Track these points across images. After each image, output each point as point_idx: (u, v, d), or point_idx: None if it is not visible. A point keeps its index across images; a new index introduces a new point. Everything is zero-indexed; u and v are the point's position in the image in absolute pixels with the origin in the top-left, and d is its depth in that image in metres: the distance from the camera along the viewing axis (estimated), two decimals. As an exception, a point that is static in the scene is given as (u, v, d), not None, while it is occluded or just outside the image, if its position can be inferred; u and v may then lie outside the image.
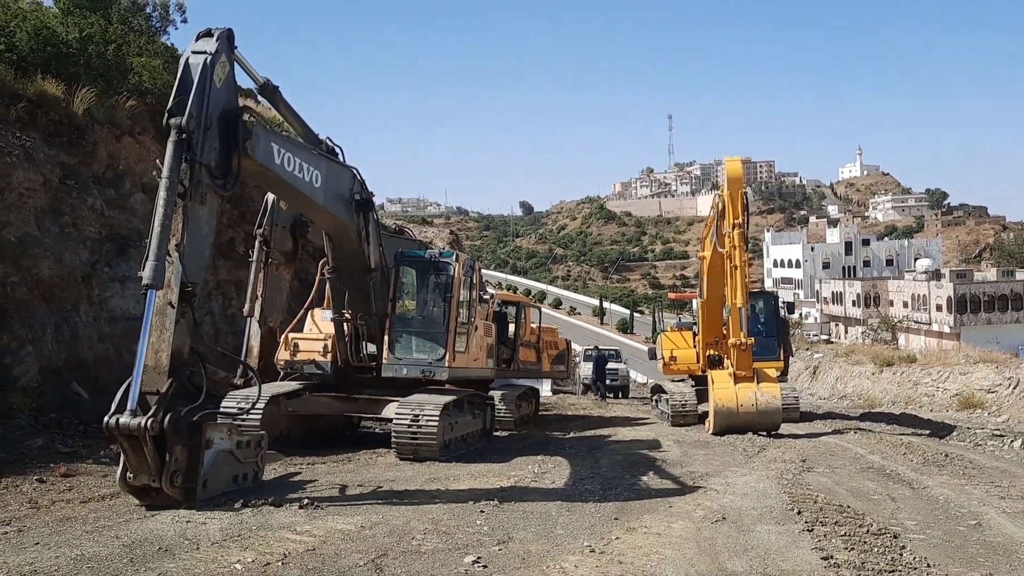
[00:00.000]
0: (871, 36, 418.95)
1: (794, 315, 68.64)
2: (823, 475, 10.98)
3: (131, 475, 7.80)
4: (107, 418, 7.59)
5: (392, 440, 12.07)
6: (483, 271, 15.78)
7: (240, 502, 8.01)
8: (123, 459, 7.85)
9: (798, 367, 35.35)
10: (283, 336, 13.84)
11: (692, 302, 25.15)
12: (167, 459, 7.70)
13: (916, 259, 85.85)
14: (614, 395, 32.91)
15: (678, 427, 17.98)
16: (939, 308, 66.35)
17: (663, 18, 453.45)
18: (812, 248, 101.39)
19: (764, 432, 15.54)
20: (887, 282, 77.18)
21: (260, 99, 14.13)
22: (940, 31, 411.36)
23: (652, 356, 22.89)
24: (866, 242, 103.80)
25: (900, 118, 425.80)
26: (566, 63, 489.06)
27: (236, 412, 10.32)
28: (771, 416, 15.77)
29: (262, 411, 11.64)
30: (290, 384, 13.41)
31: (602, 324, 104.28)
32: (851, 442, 14.87)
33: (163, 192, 7.87)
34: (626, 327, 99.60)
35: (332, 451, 12.75)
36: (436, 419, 11.85)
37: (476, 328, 14.45)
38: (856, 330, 71.42)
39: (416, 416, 11.90)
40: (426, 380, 13.02)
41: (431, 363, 12.96)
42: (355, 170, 12.00)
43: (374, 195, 13.79)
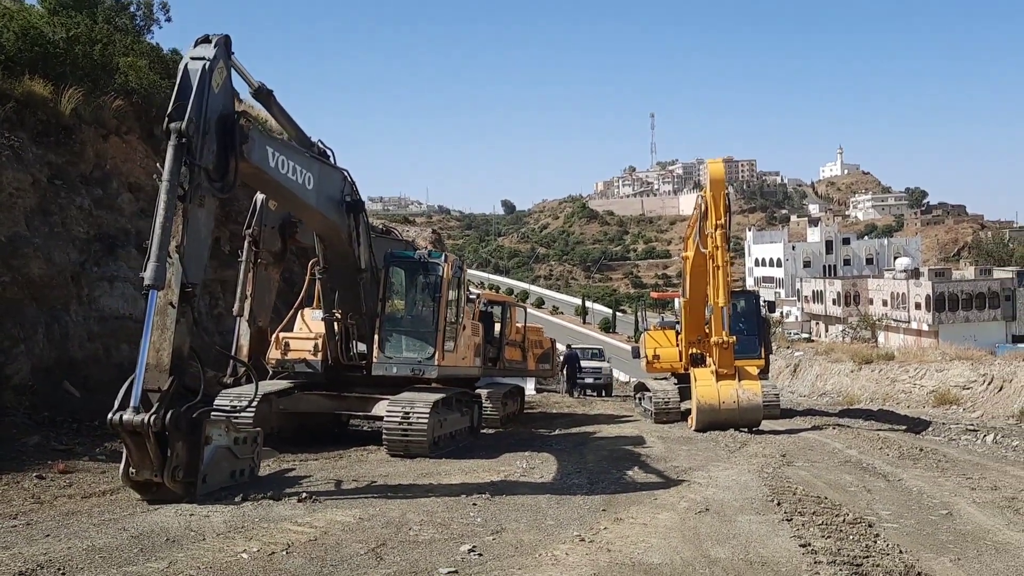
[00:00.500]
0: (852, 35, 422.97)
1: (775, 314, 69.04)
2: (802, 469, 11.34)
3: (133, 470, 8.02)
4: (111, 415, 7.81)
5: (383, 437, 12.31)
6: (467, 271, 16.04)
7: (240, 496, 8.26)
8: (126, 455, 8.06)
9: (779, 365, 35.84)
10: (274, 335, 14.04)
11: (675, 301, 25.52)
12: (168, 455, 7.93)
13: (896, 258, 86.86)
14: (597, 393, 33.24)
15: (661, 424, 18.31)
16: (918, 306, 67.25)
17: (645, 16, 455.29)
18: (793, 247, 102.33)
19: (745, 428, 15.90)
20: (867, 281, 78.11)
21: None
22: (920, 30, 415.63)
23: (635, 355, 23.23)
24: (846, 241, 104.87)
25: (881, 117, 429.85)
26: (548, 61, 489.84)
27: (234, 409, 10.53)
28: (752, 413, 16.14)
29: (253, 411, 11.83)
30: (281, 383, 13.60)
31: (585, 323, 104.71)
32: (830, 437, 15.27)
33: (163, 195, 8.06)
34: (609, 326, 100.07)
35: (323, 448, 12.96)
36: (426, 416, 12.11)
37: (464, 327, 14.73)
38: (836, 328, 72.21)
39: (407, 413, 12.16)
40: (416, 378, 13.28)
41: (421, 361, 13.22)
42: (346, 172, 12.23)
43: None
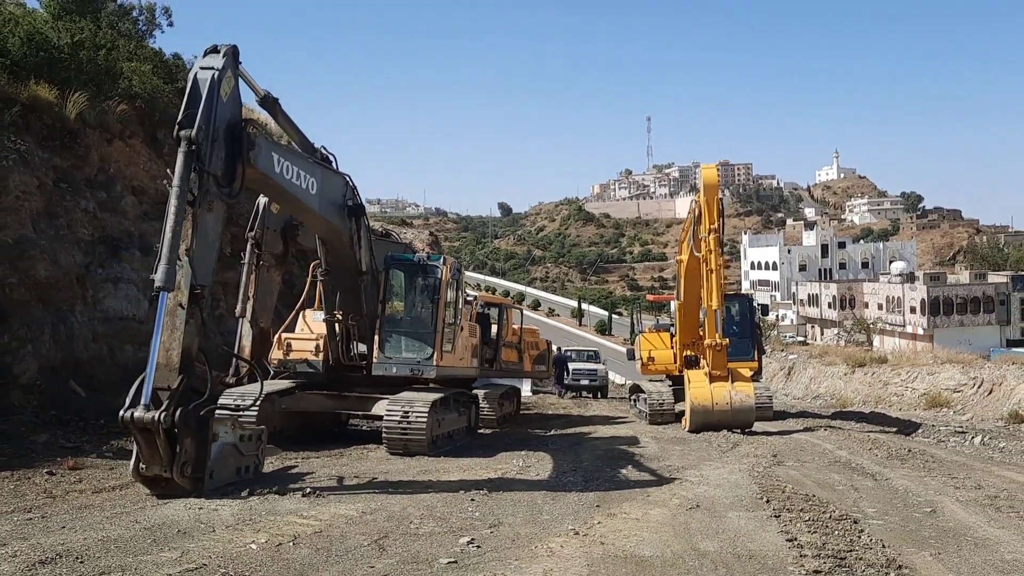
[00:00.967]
0: (848, 39, 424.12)
1: (768, 317, 69.53)
2: (792, 468, 11.63)
3: (143, 466, 8.29)
4: (122, 412, 8.09)
5: (383, 435, 12.59)
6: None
7: (246, 491, 8.54)
8: (136, 450, 8.33)
9: (773, 368, 36.17)
10: (276, 336, 14.31)
11: (670, 304, 25.83)
12: (177, 451, 8.21)
13: (891, 262, 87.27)
14: (593, 395, 33.53)
15: (656, 425, 18.59)
16: (913, 310, 67.65)
17: (642, 19, 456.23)
18: (789, 251, 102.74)
19: (738, 429, 16.18)
20: (862, 284, 78.52)
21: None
22: (916, 34, 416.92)
23: (631, 357, 23.54)
24: (842, 245, 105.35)
25: (877, 121, 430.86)
26: (544, 64, 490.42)
27: (242, 407, 10.82)
28: (745, 414, 16.43)
29: (257, 409, 12.09)
30: (283, 382, 13.87)
31: (580, 325, 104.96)
32: (821, 439, 15.56)
33: (174, 200, 8.33)
34: (604, 329, 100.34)
35: (324, 447, 13.23)
36: (425, 415, 12.40)
37: (462, 329, 15.01)
38: (832, 332, 72.59)
39: (406, 413, 12.44)
40: (415, 378, 13.56)
41: (420, 362, 13.52)
42: (348, 177, 12.52)
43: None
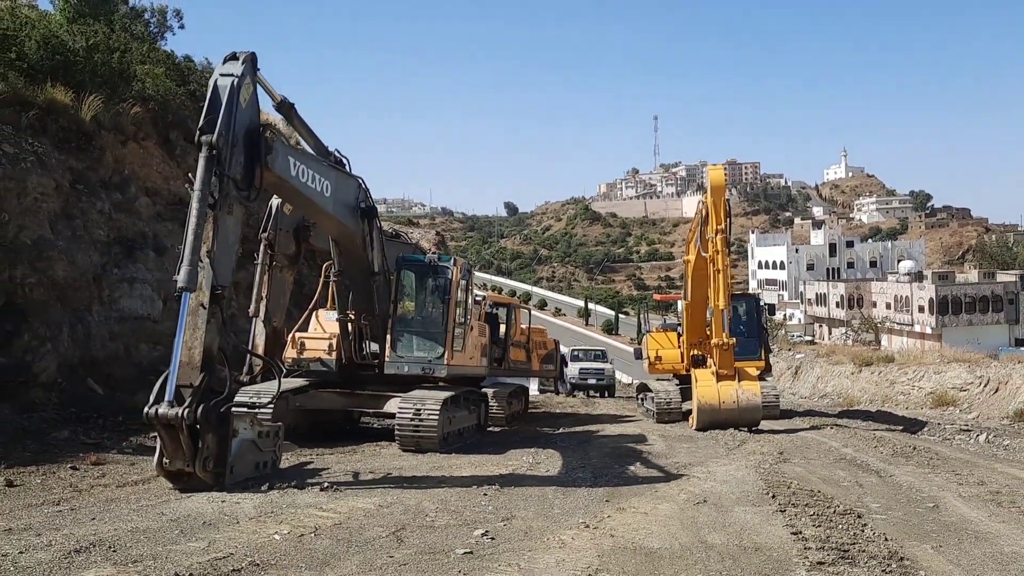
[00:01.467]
0: (856, 38, 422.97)
1: (775, 316, 69.28)
2: (798, 465, 11.83)
3: (167, 460, 8.54)
4: (147, 408, 8.34)
5: (395, 433, 12.84)
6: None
7: (266, 485, 8.80)
8: (160, 445, 8.58)
9: (780, 367, 36.32)
10: (290, 335, 14.57)
11: (677, 303, 25.98)
12: (200, 446, 8.46)
13: (899, 261, 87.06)
14: (600, 394, 33.75)
15: (663, 423, 18.79)
16: (921, 309, 67.54)
17: (649, 19, 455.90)
18: (796, 250, 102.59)
19: (745, 428, 16.38)
20: (870, 284, 78.35)
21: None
22: (925, 32, 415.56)
23: (638, 356, 23.73)
24: (850, 244, 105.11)
25: (885, 120, 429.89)
26: (551, 63, 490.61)
27: (258, 405, 11.08)
28: (751, 412, 16.62)
29: (272, 406, 12.35)
30: (297, 380, 14.12)
31: (587, 325, 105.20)
32: (827, 437, 15.75)
33: (195, 203, 8.58)
34: (611, 328, 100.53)
35: (337, 444, 13.48)
36: (437, 413, 12.64)
37: (471, 328, 15.25)
38: (840, 331, 72.55)
39: (418, 410, 12.68)
40: (426, 377, 13.80)
41: (431, 361, 13.76)
42: (361, 180, 12.76)
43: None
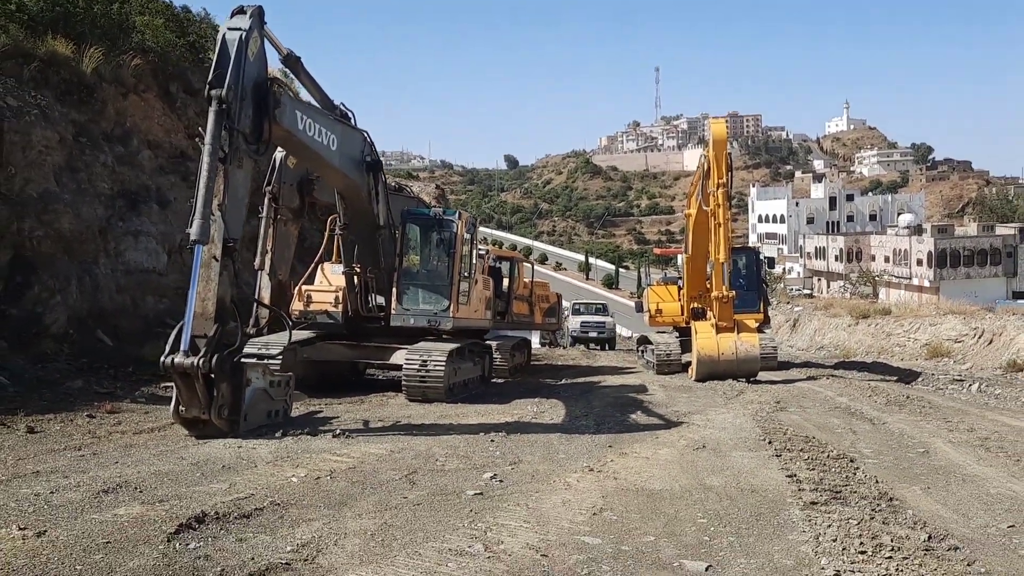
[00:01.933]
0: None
1: (774, 270, 69.49)
2: (794, 413, 12.15)
3: (183, 408, 8.83)
4: (163, 358, 8.59)
5: (403, 383, 13.12)
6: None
7: (280, 432, 9.10)
8: (176, 394, 8.86)
9: (779, 320, 36.69)
10: (296, 288, 14.78)
11: (677, 257, 26.21)
12: (215, 395, 8.73)
13: (899, 214, 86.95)
14: (601, 347, 34.15)
15: (663, 375, 19.12)
16: (919, 263, 67.69)
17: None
18: (797, 203, 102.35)
19: (743, 378, 16.69)
20: (869, 237, 78.34)
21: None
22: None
23: (639, 309, 24.02)
24: (850, 197, 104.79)
25: (888, 72, 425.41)
26: (552, 14, 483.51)
27: (271, 354, 11.35)
28: (750, 364, 16.93)
29: (281, 358, 12.60)
30: (304, 332, 14.37)
31: (588, 279, 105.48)
32: (823, 387, 16.08)
33: (206, 157, 8.72)
34: (612, 282, 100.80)
35: (344, 394, 13.77)
36: (443, 364, 12.91)
37: (476, 282, 15.46)
38: (838, 285, 72.84)
39: (424, 361, 12.96)
40: (431, 329, 14.05)
41: (436, 313, 13.99)
42: (366, 133, 12.85)
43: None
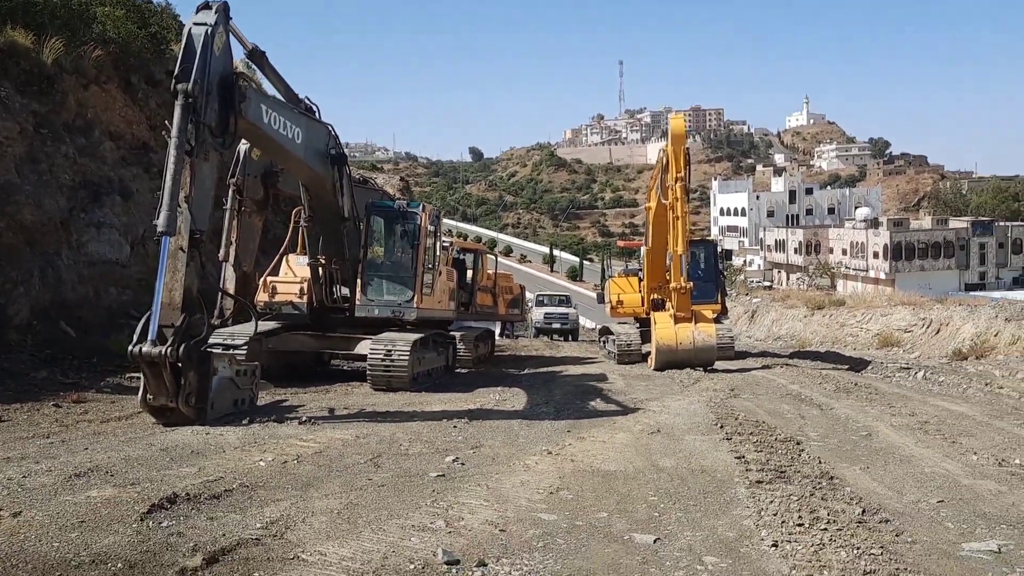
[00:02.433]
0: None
1: (732, 262, 70.53)
2: (747, 400, 12.60)
3: (151, 396, 8.99)
4: (131, 347, 8.76)
5: (368, 373, 13.35)
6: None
7: (247, 419, 9.30)
8: (143, 382, 9.01)
9: (737, 311, 37.40)
10: (261, 279, 14.91)
11: (640, 249, 26.65)
12: (182, 383, 8.91)
13: (856, 208, 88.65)
14: (564, 337, 34.56)
15: (624, 364, 19.53)
16: (876, 255, 69.20)
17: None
18: (757, 197, 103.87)
19: (700, 367, 17.15)
20: (828, 230, 79.89)
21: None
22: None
23: (600, 300, 24.45)
24: (809, 191, 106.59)
25: (847, 67, 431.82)
26: (517, 6, 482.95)
27: (236, 344, 11.51)
28: (707, 353, 17.40)
29: (246, 348, 12.75)
30: (270, 323, 14.51)
31: (552, 271, 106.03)
32: (776, 375, 16.60)
33: (173, 151, 8.87)
34: (576, 274, 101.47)
35: (309, 384, 13.95)
36: (407, 353, 13.16)
37: (440, 273, 15.71)
38: (796, 277, 74.17)
39: (389, 351, 13.20)
40: (396, 319, 14.28)
41: (401, 304, 14.22)
42: (330, 127, 13.02)
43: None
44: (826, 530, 5.77)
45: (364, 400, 12.01)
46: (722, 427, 9.80)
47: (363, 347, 13.93)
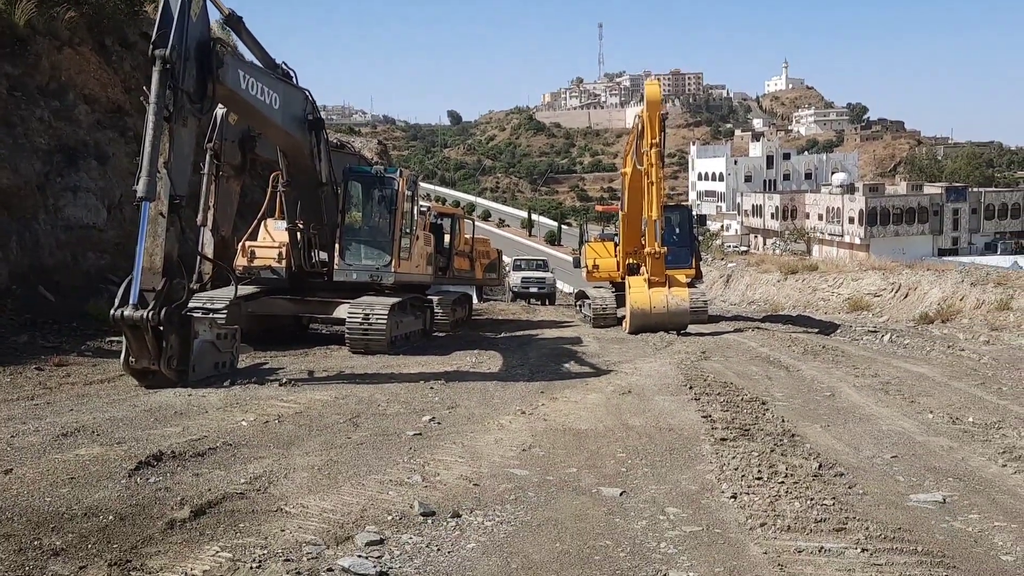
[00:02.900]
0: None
1: (707, 227, 70.95)
2: (717, 362, 12.96)
3: (133, 359, 9.16)
4: (112, 311, 8.90)
5: (346, 336, 13.55)
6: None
7: (228, 381, 9.52)
8: (125, 345, 9.17)
9: (712, 276, 37.84)
10: (240, 244, 15.02)
11: (617, 214, 26.88)
12: (164, 346, 9.08)
13: (833, 173, 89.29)
14: (541, 302, 34.87)
15: (599, 328, 19.83)
16: (851, 220, 69.94)
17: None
18: (735, 162, 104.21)
19: (674, 331, 17.50)
20: (804, 195, 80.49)
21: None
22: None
23: (576, 265, 24.71)
24: (787, 156, 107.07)
25: (826, 31, 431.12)
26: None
27: (216, 308, 11.67)
28: (680, 316, 17.75)
29: (226, 312, 12.91)
30: (249, 287, 14.64)
31: (530, 236, 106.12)
32: (747, 338, 16.98)
33: (151, 116, 8.95)
34: (554, 239, 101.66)
35: (288, 348, 14.13)
36: (385, 317, 13.37)
37: (417, 238, 15.87)
38: (772, 241, 74.87)
39: (367, 315, 13.39)
40: (374, 284, 14.46)
41: (378, 268, 14.40)
42: (308, 92, 13.07)
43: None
44: (783, 483, 6.10)
45: (343, 363, 12.23)
46: (691, 388, 10.14)
47: (341, 311, 14.11)
